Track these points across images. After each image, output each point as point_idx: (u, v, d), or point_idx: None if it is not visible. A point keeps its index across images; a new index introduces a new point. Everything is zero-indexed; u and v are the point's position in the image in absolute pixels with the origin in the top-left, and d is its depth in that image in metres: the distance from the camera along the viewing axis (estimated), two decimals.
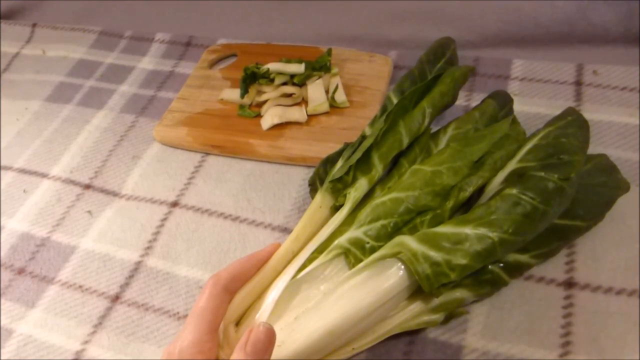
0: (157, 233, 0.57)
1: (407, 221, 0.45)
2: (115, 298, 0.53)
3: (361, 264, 0.43)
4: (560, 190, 0.43)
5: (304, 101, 0.65)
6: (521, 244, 0.43)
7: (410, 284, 0.42)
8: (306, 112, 0.63)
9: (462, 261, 0.41)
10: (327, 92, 0.64)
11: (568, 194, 0.43)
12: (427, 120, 0.50)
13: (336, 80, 0.65)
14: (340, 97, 0.63)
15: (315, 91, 0.64)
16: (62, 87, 0.75)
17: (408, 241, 0.42)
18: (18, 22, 0.87)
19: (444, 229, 0.43)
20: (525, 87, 0.62)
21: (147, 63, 0.76)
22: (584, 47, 0.65)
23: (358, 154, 0.48)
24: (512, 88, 0.62)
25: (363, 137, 0.52)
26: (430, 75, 0.54)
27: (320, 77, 0.65)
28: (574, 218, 0.46)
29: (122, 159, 0.65)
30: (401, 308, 0.44)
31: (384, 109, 0.54)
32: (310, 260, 0.44)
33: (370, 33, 0.72)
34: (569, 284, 0.47)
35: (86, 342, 0.50)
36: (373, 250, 0.43)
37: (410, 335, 0.46)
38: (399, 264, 0.42)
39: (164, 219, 0.58)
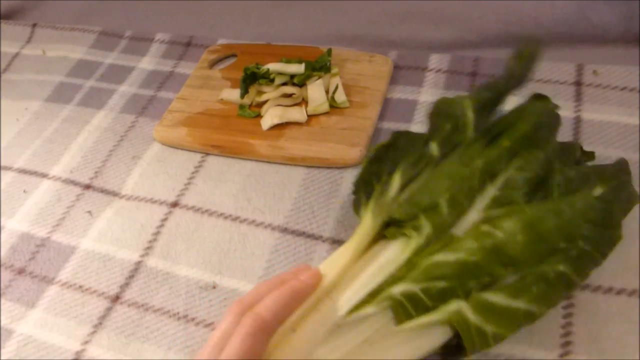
0: (157, 233, 0.57)
1: (463, 282, 0.41)
2: (115, 298, 0.53)
3: (412, 324, 0.40)
4: (596, 262, 0.43)
5: (304, 101, 0.65)
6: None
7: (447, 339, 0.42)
8: (306, 112, 0.63)
9: (506, 333, 0.41)
10: (327, 92, 0.64)
11: (599, 263, 0.43)
12: (504, 165, 0.44)
13: (336, 81, 0.65)
14: (340, 97, 0.63)
15: (315, 91, 0.64)
16: (62, 87, 0.75)
17: (465, 310, 0.40)
18: (18, 22, 0.87)
19: (498, 298, 0.40)
20: (525, 87, 0.62)
21: (147, 63, 0.76)
22: (584, 47, 0.65)
23: (430, 200, 0.43)
24: None
25: (425, 156, 0.46)
26: (507, 93, 0.48)
27: (320, 77, 0.65)
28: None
29: (122, 159, 0.65)
30: None
31: (455, 121, 0.46)
32: (362, 304, 0.41)
33: (370, 33, 0.72)
34: None
35: (86, 342, 0.50)
36: (426, 308, 0.41)
37: None
38: (447, 327, 0.41)
39: (164, 219, 0.58)
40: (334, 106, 0.63)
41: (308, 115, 0.63)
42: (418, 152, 0.46)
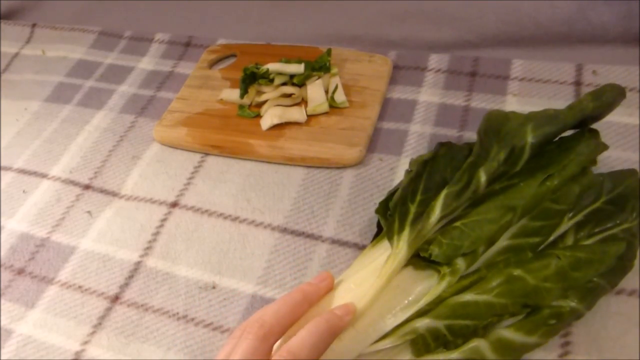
0: (156, 233, 0.57)
1: (485, 327, 0.42)
2: (115, 298, 0.53)
3: (430, 357, 0.41)
4: (607, 292, 0.44)
5: (303, 101, 0.65)
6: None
7: None
8: (306, 112, 0.63)
9: None
10: (326, 92, 0.64)
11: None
12: (543, 202, 0.44)
13: (336, 81, 0.65)
14: (340, 97, 0.63)
15: (315, 91, 0.64)
16: (62, 87, 0.75)
17: (484, 349, 0.41)
18: (18, 22, 0.87)
19: (515, 336, 0.41)
20: (525, 87, 0.62)
21: (146, 63, 0.76)
22: (584, 47, 0.65)
23: (473, 246, 0.42)
24: (512, 88, 0.62)
25: (475, 190, 0.44)
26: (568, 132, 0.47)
27: (319, 77, 0.65)
28: None
29: (122, 159, 0.65)
30: None
31: (510, 151, 0.44)
32: (384, 337, 0.41)
33: (369, 33, 0.72)
34: None
35: (86, 342, 0.50)
36: (445, 342, 0.41)
37: None
38: None
39: (164, 219, 0.58)
40: (333, 106, 0.63)
41: (307, 116, 0.63)
42: (463, 180, 0.44)
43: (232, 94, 0.67)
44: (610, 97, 0.47)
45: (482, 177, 0.43)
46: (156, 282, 0.53)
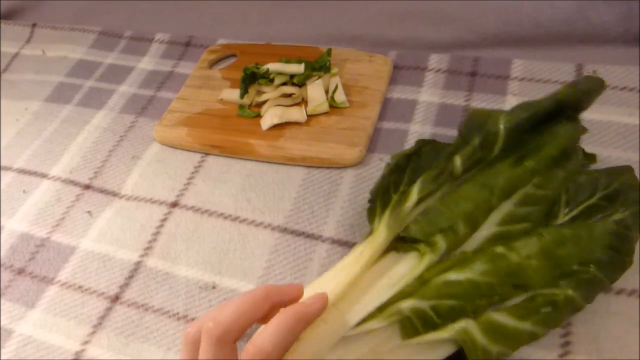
0: (156, 233, 0.57)
1: (474, 302, 0.42)
2: (115, 298, 0.53)
3: (419, 339, 0.41)
4: (605, 289, 0.44)
5: (303, 101, 0.65)
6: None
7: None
8: (306, 112, 0.63)
9: (508, 353, 0.41)
10: (326, 92, 0.64)
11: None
12: (523, 186, 0.44)
13: (336, 80, 0.65)
14: (340, 97, 0.63)
15: (315, 91, 0.64)
16: (62, 87, 0.75)
17: (473, 330, 0.40)
18: (18, 22, 0.87)
19: (506, 319, 0.41)
20: (525, 87, 0.62)
21: (146, 63, 0.76)
22: (584, 47, 0.65)
23: (449, 222, 0.43)
24: (512, 88, 0.62)
25: (451, 173, 0.45)
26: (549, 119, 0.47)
27: (319, 77, 0.65)
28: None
29: (122, 159, 0.65)
30: None
31: (485, 137, 0.45)
32: (370, 317, 0.41)
33: (369, 33, 0.72)
34: None
35: (86, 342, 0.50)
36: (434, 325, 0.41)
37: None
38: (452, 343, 0.41)
39: (164, 219, 0.58)
40: (333, 106, 0.63)
41: (308, 115, 0.63)
42: (440, 166, 0.45)
43: (232, 94, 0.67)
44: (586, 86, 0.47)
45: (457, 160, 0.44)
46: (156, 282, 0.53)
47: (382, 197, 0.47)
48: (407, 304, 0.41)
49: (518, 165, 0.44)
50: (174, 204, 0.59)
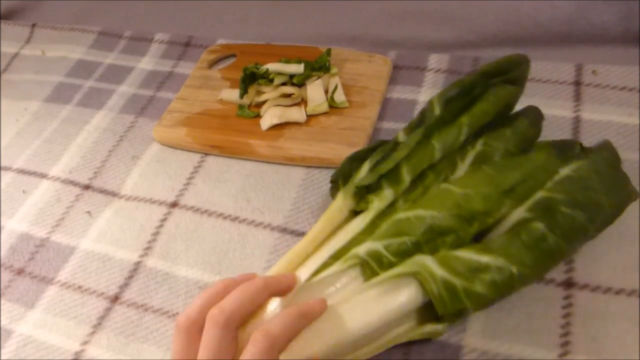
0: (156, 233, 0.57)
1: (428, 240, 0.43)
2: (115, 298, 0.53)
3: (377, 279, 0.42)
4: (584, 230, 0.43)
5: (303, 101, 0.65)
6: (537, 278, 0.44)
7: (422, 302, 0.42)
8: (305, 112, 0.63)
9: (480, 290, 0.41)
10: (326, 92, 0.64)
11: (591, 234, 0.44)
12: (462, 137, 0.48)
13: (335, 81, 0.65)
14: (340, 97, 0.63)
15: (315, 91, 0.64)
16: (62, 87, 0.75)
17: (428, 262, 0.41)
18: (17, 22, 0.87)
19: (465, 253, 0.42)
20: (525, 87, 0.62)
21: (146, 63, 0.76)
22: (584, 47, 0.65)
23: (390, 164, 0.47)
24: None
25: (396, 144, 0.49)
26: (479, 89, 0.51)
27: (319, 77, 0.65)
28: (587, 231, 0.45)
29: (122, 159, 0.65)
30: (406, 319, 0.44)
31: (422, 114, 0.50)
32: (324, 265, 0.43)
33: (369, 33, 0.72)
34: (568, 284, 0.47)
35: (85, 342, 0.50)
36: (390, 265, 0.42)
37: None
38: (415, 283, 0.42)
39: (164, 220, 0.58)
40: (333, 106, 0.63)
41: (307, 115, 0.63)
42: (390, 145, 0.49)
43: (232, 94, 0.67)
44: (508, 59, 0.51)
45: (401, 134, 0.50)
46: (156, 282, 0.53)
47: (344, 180, 0.50)
48: (361, 248, 0.43)
49: (453, 123, 0.48)
50: (174, 204, 0.59)
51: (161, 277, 0.53)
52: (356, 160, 0.50)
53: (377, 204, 0.45)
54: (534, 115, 0.53)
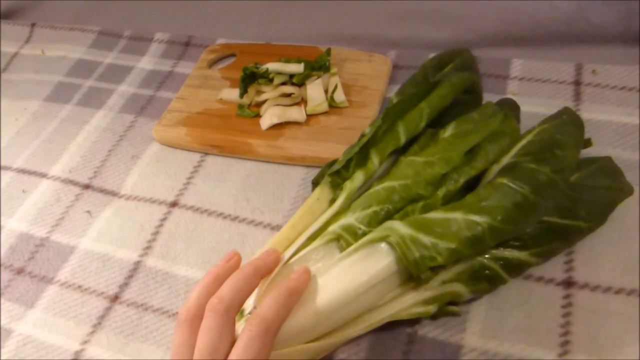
0: (156, 233, 0.57)
1: (399, 209, 0.45)
2: (115, 298, 0.53)
3: (350, 248, 0.44)
4: (551, 182, 0.43)
5: (303, 101, 0.65)
6: (512, 234, 0.44)
7: (400, 268, 0.43)
8: (305, 112, 0.63)
9: (450, 245, 0.42)
10: (326, 92, 0.64)
11: (559, 187, 0.44)
12: (424, 120, 0.51)
13: (335, 80, 0.65)
14: (339, 96, 0.63)
15: (314, 91, 0.64)
16: (61, 87, 0.75)
17: (397, 226, 0.43)
18: (17, 22, 0.87)
19: (434, 214, 0.43)
20: (525, 86, 0.62)
21: (146, 63, 0.76)
22: (583, 46, 0.65)
23: (356, 149, 0.50)
24: (512, 88, 0.62)
25: (363, 136, 0.52)
26: (434, 80, 0.54)
27: (319, 77, 0.65)
28: (576, 218, 0.46)
29: (121, 158, 0.65)
30: (394, 298, 0.44)
31: (386, 111, 0.53)
32: (303, 246, 0.46)
33: (369, 33, 0.72)
34: (568, 284, 0.47)
35: (85, 342, 0.50)
36: (365, 235, 0.44)
37: (409, 334, 0.46)
38: (389, 248, 0.43)
39: (163, 219, 0.58)
40: (333, 106, 0.63)
41: (307, 115, 0.63)
42: (359, 139, 0.52)
43: (232, 94, 0.67)
44: (448, 52, 0.58)
45: (367, 128, 0.52)
46: (156, 282, 0.53)
47: (322, 176, 0.52)
48: (336, 224, 0.46)
49: (415, 109, 0.51)
50: (174, 204, 0.59)
51: (161, 277, 0.53)
52: (334, 163, 0.52)
53: (349, 185, 0.48)
54: (507, 105, 0.55)
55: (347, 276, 0.42)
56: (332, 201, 0.49)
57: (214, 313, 0.39)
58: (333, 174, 0.50)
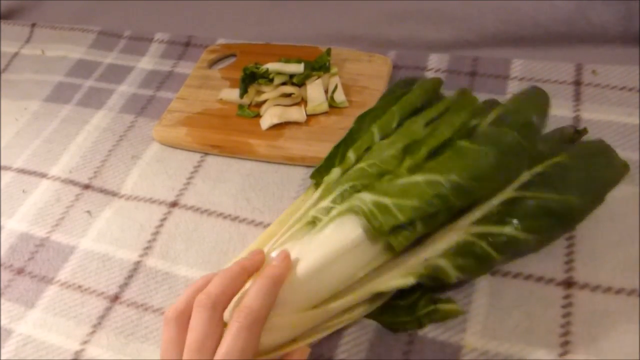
0: (156, 233, 0.57)
1: (367, 185, 0.47)
2: (115, 298, 0.53)
3: (321, 224, 0.45)
4: (519, 147, 0.45)
5: (303, 101, 0.65)
6: (478, 192, 0.45)
7: (371, 235, 0.44)
8: (305, 112, 0.63)
9: (412, 203, 0.43)
10: (326, 92, 0.64)
11: (522, 145, 0.45)
12: (395, 122, 0.52)
13: (335, 80, 0.65)
14: (339, 97, 0.63)
15: (315, 91, 0.64)
16: (61, 87, 0.75)
17: (363, 195, 0.45)
18: (17, 22, 0.87)
19: (397, 181, 0.45)
20: (525, 86, 0.62)
21: (146, 63, 0.76)
22: (583, 46, 0.65)
23: (333, 150, 0.53)
24: (512, 88, 0.62)
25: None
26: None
27: (319, 77, 0.65)
28: (564, 193, 0.46)
29: (122, 159, 0.65)
30: (377, 274, 0.45)
31: (360, 115, 0.56)
32: (283, 235, 0.47)
33: (369, 33, 0.72)
34: (568, 284, 0.47)
35: (85, 342, 0.50)
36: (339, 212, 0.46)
37: (410, 334, 0.46)
38: (357, 216, 0.44)
39: (163, 219, 0.58)
40: (333, 106, 0.63)
41: (307, 115, 0.63)
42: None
43: (232, 94, 0.67)
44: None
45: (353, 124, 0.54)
46: (156, 282, 0.53)
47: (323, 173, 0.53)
48: (313, 210, 0.48)
49: (387, 113, 0.53)
50: (174, 204, 0.59)
51: (161, 277, 0.53)
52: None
53: (327, 179, 0.50)
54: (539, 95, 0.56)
55: (321, 247, 0.44)
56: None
57: (202, 308, 0.39)
58: (314, 174, 0.52)
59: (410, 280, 0.44)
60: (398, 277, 0.44)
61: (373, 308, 0.46)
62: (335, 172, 0.50)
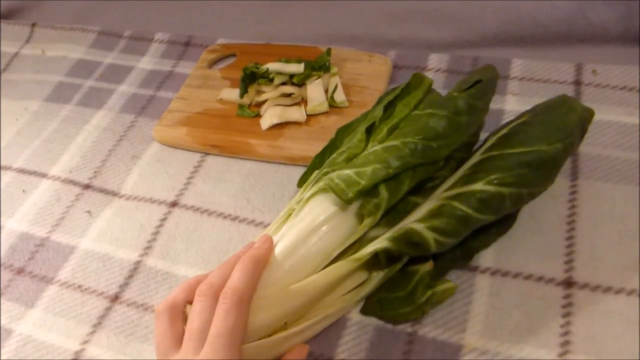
0: (156, 233, 0.57)
1: (336, 169, 0.49)
2: (115, 298, 0.53)
3: (298, 207, 0.48)
4: (462, 103, 0.47)
5: (303, 101, 0.65)
6: (438, 151, 0.46)
7: (344, 207, 0.46)
8: (305, 111, 0.63)
9: (372, 168, 0.45)
10: (326, 91, 0.64)
11: (467, 105, 0.47)
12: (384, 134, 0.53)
13: (335, 80, 0.65)
14: (340, 96, 0.63)
15: (315, 91, 0.64)
16: (62, 87, 0.75)
17: (330, 175, 0.47)
18: (17, 22, 0.87)
19: (360, 155, 0.48)
20: (525, 86, 0.62)
21: (146, 63, 0.76)
22: (583, 46, 0.65)
23: (316, 158, 0.56)
24: (512, 88, 0.62)
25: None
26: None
27: (319, 76, 0.65)
28: (535, 145, 0.46)
29: (122, 158, 0.65)
30: (354, 251, 0.47)
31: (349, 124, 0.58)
32: (268, 232, 0.49)
33: (369, 33, 0.73)
34: (568, 283, 0.47)
35: (85, 342, 0.50)
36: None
37: (410, 334, 0.46)
38: (326, 194, 0.47)
39: (164, 219, 0.58)
40: (333, 106, 0.63)
41: (307, 115, 0.63)
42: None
43: (232, 94, 0.67)
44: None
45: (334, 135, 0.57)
46: (156, 282, 0.53)
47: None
48: (293, 202, 0.50)
49: (379, 127, 0.52)
50: (174, 204, 0.59)
51: (161, 277, 0.53)
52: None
53: (314, 176, 0.52)
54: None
55: (297, 226, 0.46)
56: None
57: (204, 297, 0.41)
58: (300, 182, 0.56)
59: (384, 244, 0.45)
60: (374, 245, 0.46)
61: (362, 294, 0.47)
62: (315, 173, 0.52)
